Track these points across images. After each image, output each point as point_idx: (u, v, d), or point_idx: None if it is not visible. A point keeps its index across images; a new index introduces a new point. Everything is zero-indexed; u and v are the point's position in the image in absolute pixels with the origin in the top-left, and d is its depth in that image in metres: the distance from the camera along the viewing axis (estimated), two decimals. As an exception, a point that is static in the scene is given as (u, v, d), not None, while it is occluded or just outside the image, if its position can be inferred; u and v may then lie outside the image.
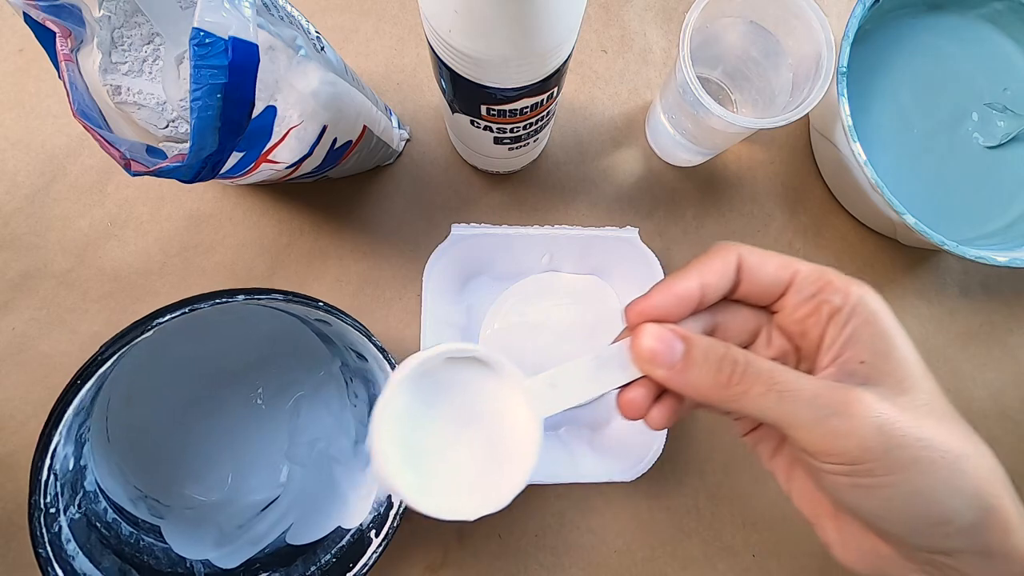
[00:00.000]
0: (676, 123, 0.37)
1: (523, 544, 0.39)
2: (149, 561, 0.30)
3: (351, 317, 0.29)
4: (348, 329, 0.29)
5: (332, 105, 0.29)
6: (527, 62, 0.24)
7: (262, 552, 0.32)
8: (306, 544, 0.32)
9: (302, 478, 0.36)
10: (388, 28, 0.42)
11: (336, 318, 0.29)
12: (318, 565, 0.31)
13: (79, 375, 0.25)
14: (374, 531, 0.30)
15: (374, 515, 0.31)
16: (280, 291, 0.28)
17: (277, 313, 0.34)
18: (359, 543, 0.31)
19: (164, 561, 0.31)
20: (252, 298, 0.27)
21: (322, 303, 0.28)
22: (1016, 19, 0.41)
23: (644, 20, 0.43)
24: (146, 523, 0.32)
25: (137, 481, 0.34)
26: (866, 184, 0.36)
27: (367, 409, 0.35)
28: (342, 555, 0.31)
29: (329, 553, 0.31)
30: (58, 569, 0.25)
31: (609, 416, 0.40)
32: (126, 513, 0.31)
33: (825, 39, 0.32)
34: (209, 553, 0.32)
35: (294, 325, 0.36)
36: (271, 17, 0.26)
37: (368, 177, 0.41)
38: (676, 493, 0.40)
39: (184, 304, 0.26)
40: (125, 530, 0.31)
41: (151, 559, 0.30)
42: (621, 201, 0.42)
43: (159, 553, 0.31)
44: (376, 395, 0.33)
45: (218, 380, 0.37)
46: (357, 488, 0.33)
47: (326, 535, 0.32)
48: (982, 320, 0.43)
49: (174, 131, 0.32)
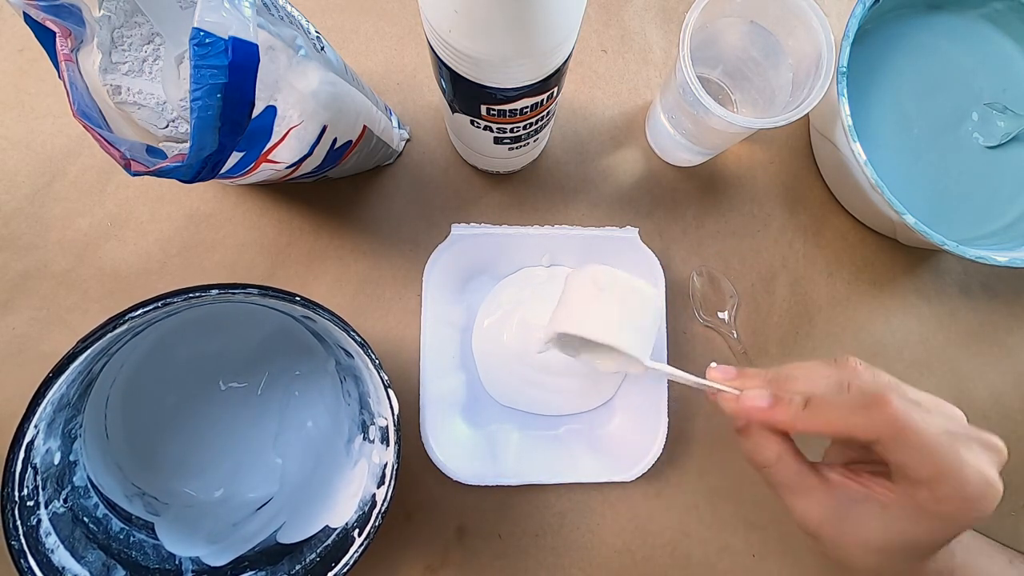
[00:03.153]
0: (676, 123, 0.37)
1: (523, 544, 0.39)
2: (137, 557, 0.30)
3: (329, 311, 0.29)
4: (331, 326, 0.29)
5: (332, 105, 0.29)
6: (527, 62, 0.24)
7: (252, 550, 0.32)
8: (295, 543, 0.32)
9: (297, 476, 0.36)
10: (388, 28, 0.42)
11: (315, 313, 0.29)
12: (303, 564, 0.31)
13: (53, 369, 0.25)
14: (357, 530, 0.30)
15: (359, 514, 0.31)
16: (255, 285, 0.27)
17: (276, 313, 0.34)
18: (343, 542, 0.31)
19: (153, 557, 0.31)
20: (226, 292, 0.27)
21: (299, 297, 0.28)
22: (1016, 19, 0.41)
23: (644, 20, 0.43)
24: (140, 519, 0.32)
25: (136, 479, 0.34)
26: (866, 184, 0.36)
27: (359, 407, 0.35)
28: (326, 554, 0.31)
29: (315, 552, 0.31)
30: (32, 562, 0.25)
31: (609, 416, 0.40)
32: (119, 509, 0.32)
33: (825, 39, 0.32)
34: (200, 550, 0.32)
35: (291, 324, 0.36)
36: (271, 17, 0.26)
37: (368, 177, 0.41)
38: (676, 493, 0.40)
39: (157, 299, 0.26)
40: (116, 526, 0.31)
41: (139, 555, 0.30)
42: (621, 201, 0.42)
43: (149, 549, 0.31)
44: (365, 392, 0.33)
45: (218, 379, 0.37)
46: (347, 486, 0.33)
47: (314, 534, 0.32)
48: (982, 320, 0.43)
49: (174, 131, 0.32)
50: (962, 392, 0.43)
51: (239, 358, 0.37)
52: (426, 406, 0.37)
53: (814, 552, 0.40)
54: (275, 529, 0.33)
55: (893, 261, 0.43)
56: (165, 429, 0.35)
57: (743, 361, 0.40)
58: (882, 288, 0.43)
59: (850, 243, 0.43)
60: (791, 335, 0.42)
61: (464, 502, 0.39)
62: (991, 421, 0.42)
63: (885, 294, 0.43)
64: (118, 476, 0.33)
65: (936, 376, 0.43)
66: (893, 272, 0.43)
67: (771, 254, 0.42)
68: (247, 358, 0.37)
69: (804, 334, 0.42)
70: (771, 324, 0.42)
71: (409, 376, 0.39)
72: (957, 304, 0.43)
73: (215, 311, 0.34)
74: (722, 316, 0.41)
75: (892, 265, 0.43)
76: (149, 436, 0.35)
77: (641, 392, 0.39)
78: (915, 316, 0.43)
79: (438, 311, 0.38)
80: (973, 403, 0.43)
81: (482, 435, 0.39)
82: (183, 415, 0.36)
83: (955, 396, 0.43)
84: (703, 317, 0.41)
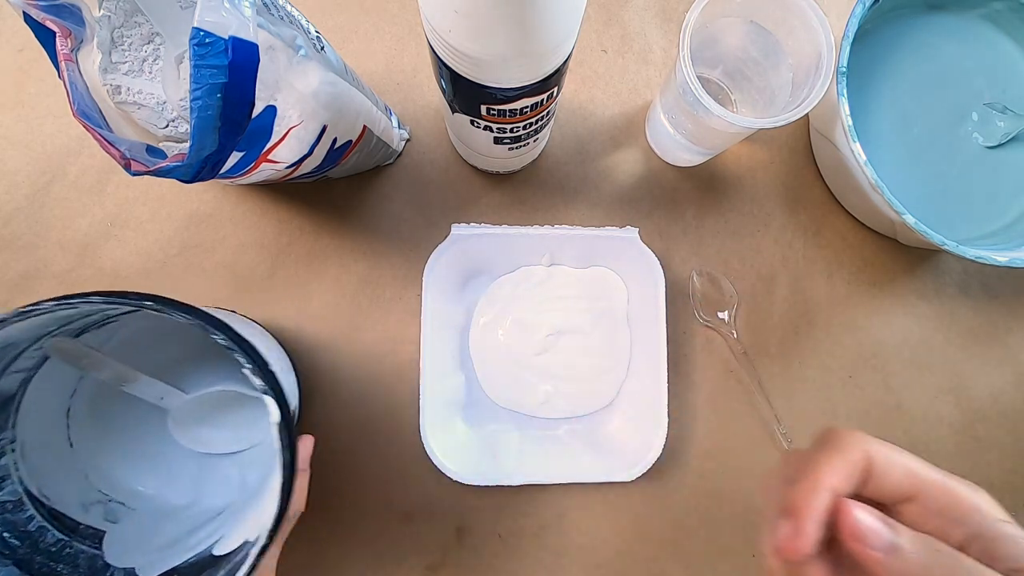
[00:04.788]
0: (676, 123, 0.37)
1: (523, 544, 0.39)
2: (63, 570, 0.30)
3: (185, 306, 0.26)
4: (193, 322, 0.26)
5: (332, 105, 0.29)
6: (527, 62, 0.24)
7: (186, 561, 0.30)
8: (222, 555, 0.29)
9: (254, 487, 0.35)
10: (388, 28, 0.42)
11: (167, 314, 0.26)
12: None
13: None
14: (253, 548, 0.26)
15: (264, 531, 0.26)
16: (98, 293, 0.25)
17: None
18: (242, 560, 0.26)
19: (84, 569, 0.30)
20: (62, 304, 0.25)
21: (150, 299, 0.25)
22: (1016, 19, 0.41)
23: (644, 20, 0.43)
24: (89, 529, 0.32)
25: (103, 485, 0.34)
26: (866, 184, 0.36)
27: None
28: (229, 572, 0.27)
29: (223, 569, 0.28)
30: None
31: (609, 416, 0.40)
32: (65, 519, 0.31)
33: (825, 39, 0.32)
34: (143, 559, 0.31)
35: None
36: (271, 17, 0.26)
37: (368, 177, 0.41)
38: (676, 493, 0.40)
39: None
40: (52, 537, 0.30)
41: (67, 568, 0.30)
42: (621, 201, 0.42)
43: (82, 562, 0.30)
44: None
45: (181, 386, 0.36)
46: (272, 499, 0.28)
47: (233, 549, 0.29)
48: (982, 320, 0.43)
49: (174, 131, 0.32)
50: (962, 392, 0.43)
51: (196, 365, 0.36)
52: (426, 406, 0.37)
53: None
54: (215, 540, 0.32)
55: (893, 261, 0.43)
56: (134, 435, 0.35)
57: (743, 361, 0.41)
58: (882, 288, 0.43)
59: (850, 243, 0.43)
60: (791, 335, 0.42)
61: (464, 502, 0.39)
62: (991, 421, 0.42)
63: (885, 294, 0.43)
64: (82, 484, 0.33)
65: (936, 376, 0.43)
66: (893, 272, 0.43)
67: (771, 254, 0.42)
68: (201, 365, 0.36)
69: (804, 334, 0.42)
70: (771, 324, 0.42)
71: (409, 376, 0.39)
72: (957, 304, 0.43)
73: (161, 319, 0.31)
74: (722, 316, 0.41)
75: (892, 265, 0.43)
76: (122, 441, 0.35)
77: (641, 392, 0.39)
78: (915, 316, 0.43)
79: (438, 311, 0.38)
80: (973, 403, 0.43)
81: (482, 435, 0.39)
82: (155, 419, 0.36)
83: (955, 396, 0.43)
84: (703, 317, 0.41)
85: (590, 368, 0.40)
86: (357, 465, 0.39)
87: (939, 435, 0.42)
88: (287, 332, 0.39)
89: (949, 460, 0.42)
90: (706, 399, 0.41)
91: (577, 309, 0.40)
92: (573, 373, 0.40)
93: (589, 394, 0.40)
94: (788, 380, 0.42)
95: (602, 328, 0.40)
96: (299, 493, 0.30)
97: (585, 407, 0.40)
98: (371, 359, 0.39)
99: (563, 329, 0.40)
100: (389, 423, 0.39)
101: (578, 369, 0.40)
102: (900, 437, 0.42)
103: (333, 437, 0.39)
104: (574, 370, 0.40)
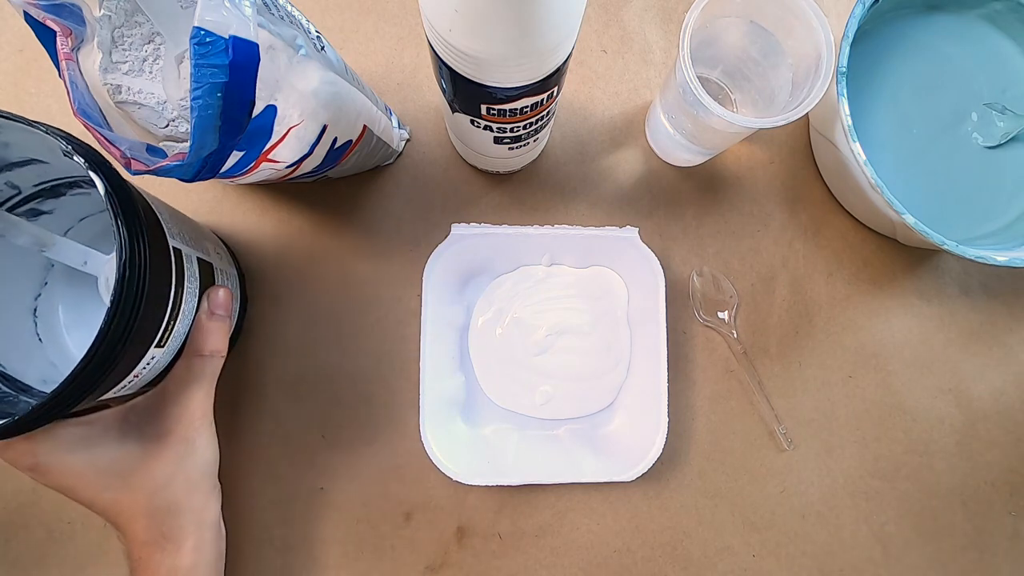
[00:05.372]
0: (676, 123, 0.37)
1: (523, 544, 0.39)
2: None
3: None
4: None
5: (332, 104, 0.29)
6: (527, 61, 0.24)
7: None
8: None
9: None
10: (388, 28, 0.42)
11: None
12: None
13: None
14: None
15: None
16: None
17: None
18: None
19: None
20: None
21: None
22: (1016, 19, 0.42)
23: (644, 20, 0.44)
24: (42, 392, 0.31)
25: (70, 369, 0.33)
26: (866, 184, 0.36)
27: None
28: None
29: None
30: None
31: (609, 416, 0.40)
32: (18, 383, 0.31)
33: (825, 39, 0.32)
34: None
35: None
36: (271, 16, 0.26)
37: (368, 177, 0.41)
38: (676, 493, 0.40)
39: None
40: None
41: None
42: (621, 201, 0.42)
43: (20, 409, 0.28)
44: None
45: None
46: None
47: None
48: (982, 320, 0.43)
49: (174, 130, 0.32)
50: (962, 392, 0.43)
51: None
52: (426, 406, 0.37)
53: (814, 552, 0.40)
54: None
55: (893, 261, 0.43)
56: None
57: (743, 361, 0.41)
58: (882, 288, 0.43)
59: (850, 243, 0.43)
60: (791, 335, 0.42)
61: (464, 502, 0.39)
62: (991, 421, 0.42)
63: (885, 294, 0.43)
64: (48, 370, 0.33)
65: (936, 376, 0.43)
66: (893, 272, 0.43)
67: (771, 254, 0.42)
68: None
69: (804, 334, 0.42)
70: (771, 324, 0.42)
71: (409, 376, 0.39)
72: (957, 304, 0.43)
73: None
74: (722, 316, 0.41)
75: (892, 265, 0.43)
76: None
77: (641, 393, 0.39)
78: (915, 316, 0.43)
79: (438, 311, 0.38)
80: (973, 403, 0.43)
81: (482, 435, 0.39)
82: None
83: (955, 396, 0.43)
84: (703, 317, 0.41)
85: (590, 368, 0.40)
86: (357, 465, 0.39)
87: (939, 435, 0.42)
88: (287, 331, 0.39)
89: (949, 460, 0.42)
90: (706, 399, 0.41)
91: (577, 309, 0.40)
92: (573, 373, 0.40)
93: (589, 394, 0.40)
94: (788, 380, 0.42)
95: (602, 328, 0.40)
96: (218, 334, 0.32)
97: (585, 407, 0.40)
98: (371, 359, 0.40)
99: (563, 329, 0.40)
100: (389, 423, 0.39)
101: (578, 369, 0.40)
102: (900, 437, 0.42)
103: (333, 436, 0.39)
104: (574, 370, 0.40)
